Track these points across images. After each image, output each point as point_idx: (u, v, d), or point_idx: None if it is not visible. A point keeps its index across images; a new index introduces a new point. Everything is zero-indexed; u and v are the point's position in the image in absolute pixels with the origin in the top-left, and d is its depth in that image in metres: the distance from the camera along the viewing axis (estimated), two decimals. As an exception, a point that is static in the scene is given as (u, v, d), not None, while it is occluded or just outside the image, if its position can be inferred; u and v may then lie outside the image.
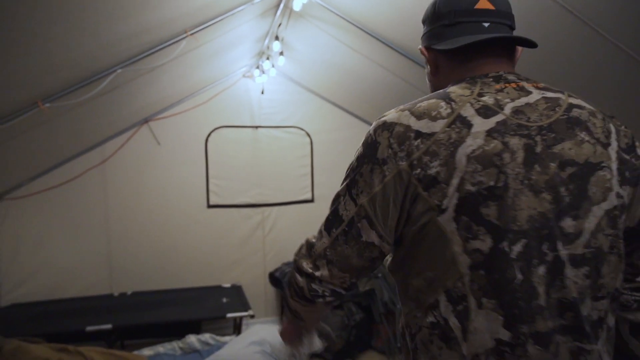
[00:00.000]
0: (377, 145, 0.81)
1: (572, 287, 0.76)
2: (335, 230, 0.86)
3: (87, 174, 3.89)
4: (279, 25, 3.20)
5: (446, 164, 0.75)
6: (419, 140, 0.78)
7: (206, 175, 4.30)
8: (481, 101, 0.79)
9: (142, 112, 3.93)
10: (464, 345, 0.76)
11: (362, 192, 0.82)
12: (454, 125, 0.77)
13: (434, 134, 0.77)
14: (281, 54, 3.52)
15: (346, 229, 0.84)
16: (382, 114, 0.86)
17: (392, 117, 0.83)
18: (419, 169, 0.77)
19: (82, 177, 3.88)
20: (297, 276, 0.89)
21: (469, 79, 0.85)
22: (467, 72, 0.87)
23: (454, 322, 0.77)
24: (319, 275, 0.86)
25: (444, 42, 0.88)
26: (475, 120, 0.77)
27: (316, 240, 0.90)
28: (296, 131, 4.59)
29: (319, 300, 0.88)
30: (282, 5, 2.93)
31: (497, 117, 0.78)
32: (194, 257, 4.24)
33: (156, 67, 2.85)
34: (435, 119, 0.78)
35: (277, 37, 3.28)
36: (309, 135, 4.62)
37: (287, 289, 0.96)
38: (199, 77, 3.91)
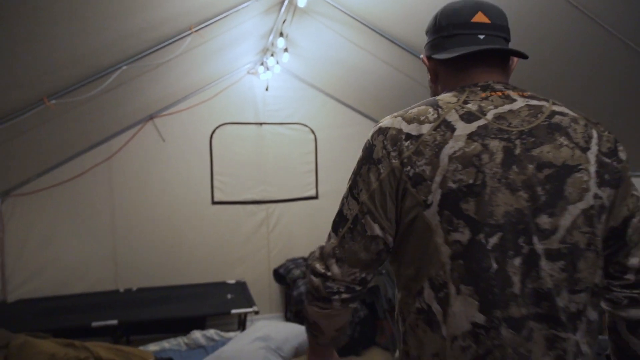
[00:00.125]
0: (374, 147, 0.91)
1: (547, 279, 0.82)
2: (341, 229, 0.92)
3: (93, 170, 3.92)
4: (284, 21, 3.20)
5: (431, 162, 0.84)
6: (408, 141, 0.86)
7: (211, 171, 4.31)
8: (465, 108, 0.87)
9: (147, 108, 3.94)
10: (444, 327, 0.84)
11: (362, 190, 0.90)
12: (439, 128, 0.85)
13: (421, 135, 0.86)
14: (285, 50, 3.52)
15: (351, 226, 0.90)
16: (379, 121, 0.95)
17: (387, 122, 0.92)
18: (409, 167, 0.85)
19: (88, 174, 3.90)
20: (312, 278, 0.95)
21: (460, 87, 0.93)
22: (462, 80, 0.95)
23: (436, 308, 0.85)
24: (330, 274, 0.91)
25: (442, 52, 0.95)
26: (458, 124, 0.85)
27: (325, 242, 0.96)
28: (300, 128, 4.59)
29: (334, 297, 0.92)
30: (286, 1, 2.93)
31: (479, 122, 0.85)
32: (198, 254, 4.26)
33: (161, 64, 2.86)
34: (423, 122, 0.87)
35: (281, 34, 3.28)
36: (313, 131, 4.62)
37: (305, 299, 1.00)
38: (203, 73, 3.92)
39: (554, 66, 2.36)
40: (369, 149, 0.92)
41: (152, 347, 2.92)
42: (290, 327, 2.67)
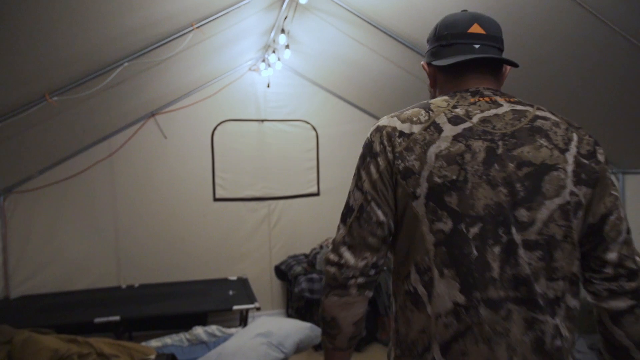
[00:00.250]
0: (372, 143, 1.00)
1: (525, 266, 0.90)
2: (349, 219, 1.00)
3: (95, 167, 3.93)
4: (285, 18, 3.20)
5: (419, 158, 0.93)
6: (401, 138, 0.96)
7: (212, 168, 4.32)
8: (454, 112, 0.97)
9: (148, 105, 3.95)
10: (429, 307, 0.93)
11: (365, 181, 0.99)
12: (428, 129, 0.95)
13: (413, 134, 0.96)
14: (287, 47, 3.52)
15: (358, 215, 0.98)
16: (377, 121, 1.05)
17: (384, 122, 1.02)
18: (400, 160, 0.95)
19: (90, 171, 3.91)
20: (328, 268, 1.00)
21: (452, 93, 1.03)
22: (457, 85, 1.05)
23: (422, 290, 0.95)
24: (344, 261, 0.98)
25: (440, 59, 1.04)
26: (445, 127, 0.95)
27: (336, 234, 1.03)
28: (302, 125, 4.59)
29: (351, 282, 0.98)
30: (288, -2, 2.93)
31: (465, 125, 0.95)
32: (200, 250, 4.28)
33: (163, 61, 2.86)
34: (415, 123, 0.97)
35: (283, 30, 3.28)
36: (314, 128, 4.62)
37: (322, 294, 1.04)
38: (205, 70, 3.92)
39: (555, 62, 2.35)
40: (368, 145, 1.01)
41: (154, 342, 2.93)
42: (291, 323, 2.67)
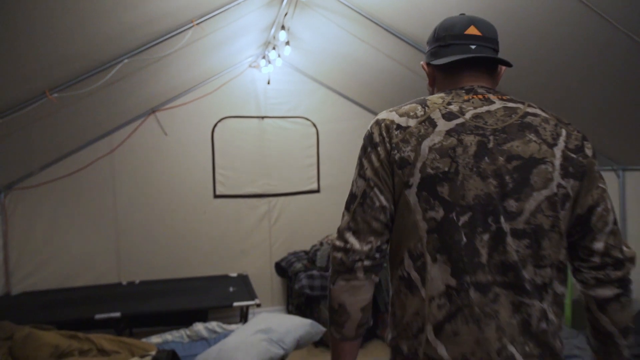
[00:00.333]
0: (372, 135, 1.06)
1: (512, 253, 0.96)
2: (353, 205, 1.05)
3: (96, 164, 3.93)
4: (285, 14, 3.19)
5: (414, 150, 0.99)
6: (398, 131, 1.02)
7: (212, 165, 4.32)
8: (448, 108, 1.03)
9: (149, 102, 3.95)
10: (423, 290, 0.99)
11: (367, 169, 1.04)
12: (424, 123, 1.01)
13: (409, 127, 1.02)
14: (287, 43, 3.51)
15: (361, 201, 1.03)
16: (377, 115, 1.11)
17: (383, 115, 1.08)
18: (396, 151, 1.01)
19: (91, 167, 3.92)
20: (334, 254, 1.04)
21: (448, 90, 1.09)
22: (453, 83, 1.10)
23: (415, 275, 1.00)
24: (350, 245, 1.02)
25: (438, 59, 1.10)
26: (439, 122, 1.01)
27: (341, 221, 1.07)
28: (302, 121, 4.59)
29: (357, 265, 1.02)
30: (288, -6, 2.92)
31: (458, 121, 1.00)
32: (201, 247, 4.28)
33: (162, 57, 2.86)
34: (411, 117, 1.03)
35: (283, 27, 3.27)
36: (315, 125, 4.62)
37: (329, 281, 1.07)
38: (205, 67, 3.92)
39: (556, 60, 2.35)
40: (369, 137, 1.07)
41: (155, 339, 2.94)
42: (291, 320, 2.68)
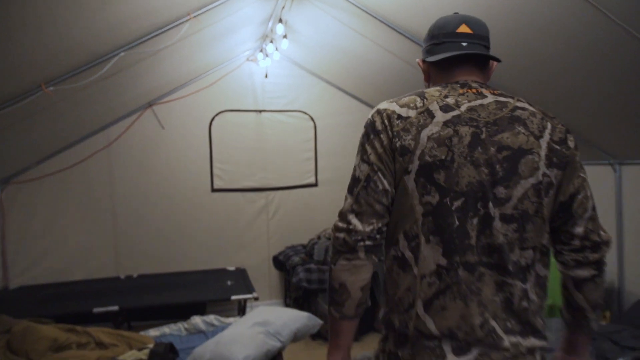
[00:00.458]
0: (375, 123, 1.11)
1: (499, 236, 1.03)
2: (356, 189, 1.09)
3: (93, 157, 3.92)
4: (283, 7, 3.18)
5: (414, 139, 1.06)
6: (399, 120, 1.08)
7: (210, 159, 4.31)
8: (445, 101, 1.09)
9: (146, 96, 3.93)
10: (416, 268, 1.06)
11: (371, 154, 1.09)
12: (422, 114, 1.08)
13: (409, 117, 1.08)
14: (285, 37, 3.50)
15: (365, 184, 1.08)
16: (377, 105, 1.16)
17: (384, 105, 1.13)
18: (397, 139, 1.07)
19: (88, 161, 3.91)
20: (337, 234, 1.09)
21: (444, 84, 1.15)
22: (447, 78, 1.17)
23: (409, 254, 1.07)
24: (352, 227, 1.07)
25: (432, 56, 1.17)
26: (437, 113, 1.07)
27: (343, 204, 1.12)
28: (300, 115, 4.58)
29: (359, 244, 1.07)
30: (285, -13, 2.90)
31: (454, 112, 1.07)
32: (198, 241, 4.29)
33: (159, 51, 2.85)
34: (411, 108, 1.09)
35: (280, 20, 3.26)
36: (312, 119, 4.61)
37: (330, 261, 1.12)
38: (202, 60, 3.90)
39: (556, 55, 2.35)
40: (371, 125, 1.12)
41: (153, 332, 2.94)
42: (289, 313, 2.69)
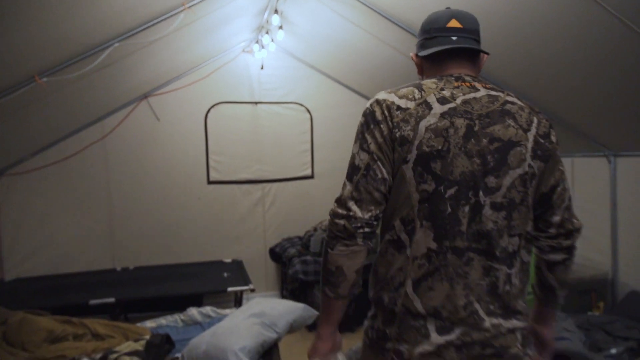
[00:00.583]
0: (375, 113, 1.15)
1: (487, 223, 1.10)
2: (356, 176, 1.13)
3: (88, 149, 3.91)
4: (278, -2, 3.15)
5: (413, 129, 1.10)
6: (399, 111, 1.12)
7: (206, 151, 4.30)
8: (441, 93, 1.14)
9: (141, 87, 3.91)
10: (409, 250, 1.12)
11: (371, 143, 1.13)
12: (421, 105, 1.12)
13: (408, 108, 1.12)
14: (280, 28, 3.48)
15: (364, 172, 1.12)
16: (375, 95, 1.18)
17: (383, 96, 1.17)
18: (397, 130, 1.11)
19: (83, 153, 3.89)
20: (336, 221, 1.12)
21: (439, 77, 1.20)
22: (439, 71, 1.22)
23: (404, 237, 1.13)
24: (352, 213, 1.11)
25: (424, 50, 1.22)
26: (434, 105, 1.12)
27: (341, 190, 1.15)
28: (296, 107, 4.56)
29: (358, 231, 1.11)
30: (280, -23, 2.88)
31: (450, 105, 1.12)
32: (195, 233, 4.29)
33: (154, 42, 2.83)
34: (410, 99, 1.13)
35: (276, 11, 3.23)
36: (309, 111, 4.60)
37: (327, 246, 1.16)
38: (197, 52, 3.87)
39: (556, 52, 2.34)
40: (371, 114, 1.15)
41: (149, 323, 2.95)
42: (285, 304, 2.69)
